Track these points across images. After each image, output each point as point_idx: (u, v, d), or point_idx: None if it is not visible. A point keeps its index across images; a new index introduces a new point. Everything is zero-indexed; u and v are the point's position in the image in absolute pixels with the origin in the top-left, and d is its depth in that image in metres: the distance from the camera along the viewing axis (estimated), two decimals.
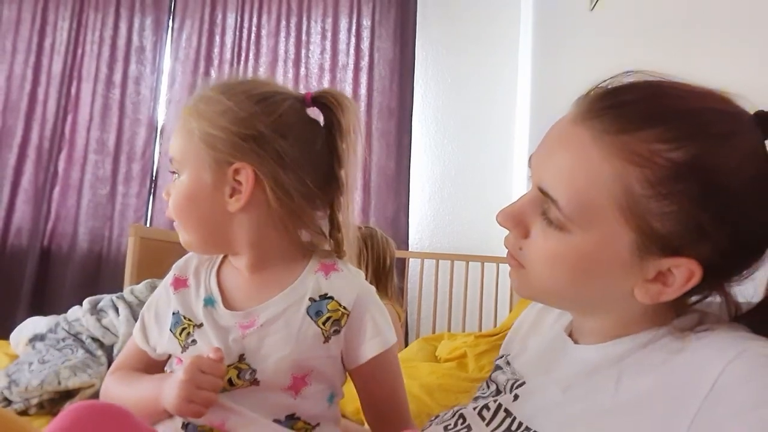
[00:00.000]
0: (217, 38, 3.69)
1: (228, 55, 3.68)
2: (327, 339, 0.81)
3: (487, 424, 0.72)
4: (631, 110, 0.61)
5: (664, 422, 0.57)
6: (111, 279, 3.31)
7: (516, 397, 0.72)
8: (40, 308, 3.14)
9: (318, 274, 0.83)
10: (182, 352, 0.82)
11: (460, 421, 0.75)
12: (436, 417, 0.81)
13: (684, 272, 0.60)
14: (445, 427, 0.75)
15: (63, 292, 3.34)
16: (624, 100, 0.62)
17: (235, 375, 0.78)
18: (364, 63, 3.65)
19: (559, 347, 0.75)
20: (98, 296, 1.89)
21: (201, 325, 0.82)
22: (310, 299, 0.81)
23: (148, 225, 3.56)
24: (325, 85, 3.63)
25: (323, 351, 0.81)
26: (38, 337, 1.80)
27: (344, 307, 0.82)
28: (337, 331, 0.81)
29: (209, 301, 0.84)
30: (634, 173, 0.59)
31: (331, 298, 0.81)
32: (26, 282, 3.37)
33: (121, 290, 2.05)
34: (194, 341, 0.81)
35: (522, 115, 3.42)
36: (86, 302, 1.85)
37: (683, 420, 0.55)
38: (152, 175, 3.62)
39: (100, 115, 3.57)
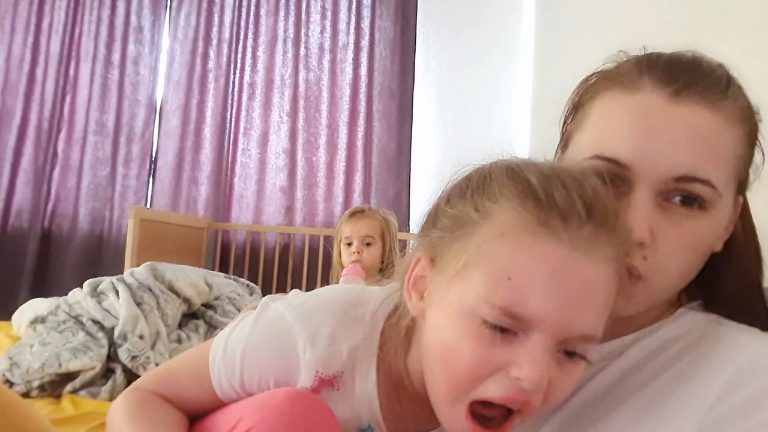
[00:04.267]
0: (216, 17, 3.64)
1: (227, 35, 3.64)
2: None
3: None
4: (713, 75, 0.63)
5: (680, 404, 0.57)
6: (112, 260, 3.31)
7: None
8: (41, 290, 3.15)
9: None
10: None
11: None
12: None
13: (736, 206, 0.65)
14: None
15: (64, 274, 3.35)
16: (703, 69, 0.63)
17: None
18: (365, 42, 3.61)
19: None
20: (98, 279, 1.89)
21: None
22: None
23: (148, 206, 3.55)
24: (325, 64, 3.60)
25: None
26: (39, 320, 1.80)
27: None
28: None
29: (367, 430, 0.65)
30: (741, 132, 0.62)
31: None
32: (27, 263, 3.37)
33: (122, 272, 2.05)
34: None
35: (524, 93, 3.39)
36: (86, 285, 1.86)
37: (702, 404, 0.56)
38: (152, 156, 3.61)
39: (99, 96, 3.54)
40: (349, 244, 2.08)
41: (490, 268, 0.52)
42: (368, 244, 2.06)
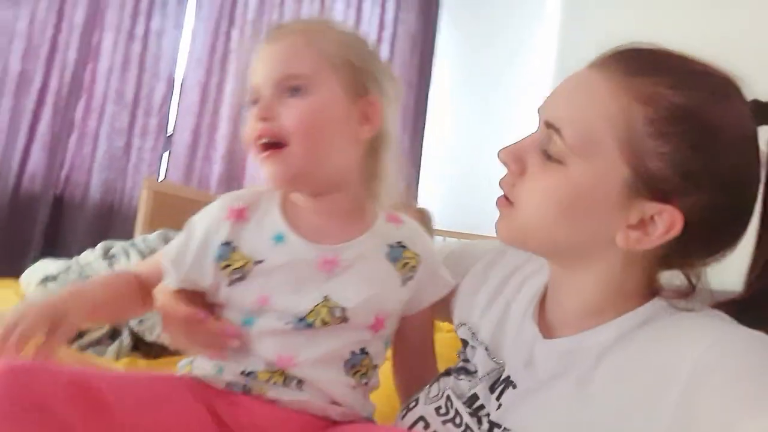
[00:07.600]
0: None
1: (250, 16, 3.65)
2: (404, 283, 0.84)
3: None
4: (644, 59, 0.65)
5: (646, 403, 0.58)
6: (121, 231, 3.32)
7: (500, 406, 0.72)
8: (50, 255, 3.16)
9: (389, 224, 0.87)
10: (228, 286, 0.80)
11: (449, 404, 0.76)
12: (421, 391, 0.82)
13: (666, 220, 0.62)
14: (437, 409, 0.76)
15: (74, 240, 3.37)
16: (638, 51, 0.67)
17: (326, 312, 0.78)
18: (387, 34, 3.62)
19: (530, 339, 0.75)
20: (111, 242, 1.91)
21: (261, 261, 0.79)
22: (388, 245, 0.84)
23: (161, 180, 3.57)
24: None
25: (399, 295, 0.84)
26: (50, 278, 1.82)
27: (417, 254, 0.85)
28: (411, 277, 0.85)
29: (279, 238, 0.80)
30: (637, 110, 0.62)
31: (405, 246, 0.85)
32: (37, 228, 3.40)
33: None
34: (241, 278, 0.79)
35: (545, 93, 3.39)
36: (99, 247, 1.88)
37: (667, 401, 0.56)
38: (167, 131, 3.62)
39: (120, 67, 3.55)
40: None
41: None
42: None
